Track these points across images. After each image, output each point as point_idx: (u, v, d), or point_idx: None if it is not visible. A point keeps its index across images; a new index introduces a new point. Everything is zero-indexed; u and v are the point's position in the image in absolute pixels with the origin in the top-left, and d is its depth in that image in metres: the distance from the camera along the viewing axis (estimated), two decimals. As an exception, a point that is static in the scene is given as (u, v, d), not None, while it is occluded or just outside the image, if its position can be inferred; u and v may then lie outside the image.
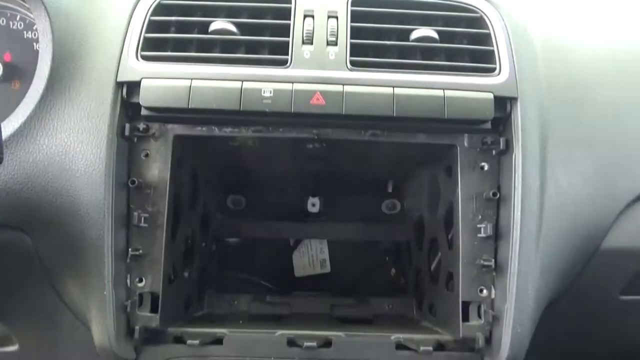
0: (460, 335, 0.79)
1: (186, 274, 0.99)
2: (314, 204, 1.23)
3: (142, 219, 0.78)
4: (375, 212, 1.27)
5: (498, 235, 0.80)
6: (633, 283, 0.90)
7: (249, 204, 1.26)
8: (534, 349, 0.78)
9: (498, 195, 0.80)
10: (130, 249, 0.78)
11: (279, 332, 0.81)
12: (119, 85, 0.77)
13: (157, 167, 0.80)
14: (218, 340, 0.80)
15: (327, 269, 1.39)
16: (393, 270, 1.34)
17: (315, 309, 1.07)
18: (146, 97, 0.76)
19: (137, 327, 0.77)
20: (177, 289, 0.91)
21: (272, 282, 1.33)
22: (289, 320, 1.00)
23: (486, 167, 0.81)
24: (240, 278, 1.30)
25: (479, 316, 0.79)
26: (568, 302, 0.90)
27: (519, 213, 0.75)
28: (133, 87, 0.78)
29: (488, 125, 0.80)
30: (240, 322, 0.96)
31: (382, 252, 1.38)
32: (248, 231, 1.28)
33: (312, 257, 1.39)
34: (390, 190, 1.24)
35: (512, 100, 0.79)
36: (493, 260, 0.79)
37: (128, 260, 0.78)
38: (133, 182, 0.78)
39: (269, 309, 1.04)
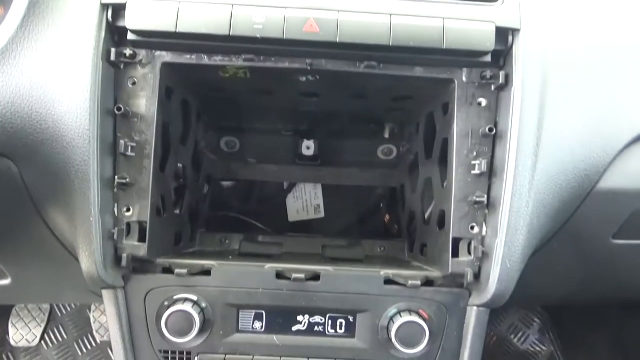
0: (449, 271, 0.78)
1: (177, 211, 0.98)
2: (308, 147, 1.22)
3: (129, 147, 0.77)
4: (371, 157, 1.26)
5: (492, 173, 0.78)
6: (625, 227, 0.90)
7: (243, 146, 1.25)
8: (523, 300, 0.78)
9: (494, 132, 0.78)
10: (117, 177, 0.76)
11: (268, 265, 0.81)
12: (104, 7, 0.75)
13: (145, 96, 0.78)
14: (206, 272, 0.80)
15: (321, 214, 1.39)
16: (387, 217, 1.34)
17: (307, 249, 1.08)
18: (132, 20, 0.73)
19: (124, 255, 0.77)
20: (167, 223, 0.90)
21: (265, 226, 1.33)
22: (279, 258, 1.00)
23: (484, 103, 0.79)
24: (232, 217, 1.30)
25: (469, 253, 0.79)
26: (560, 246, 0.89)
27: (515, 148, 0.73)
28: (119, 9, 0.75)
29: (488, 58, 0.77)
30: (230, 257, 0.96)
31: (376, 199, 1.37)
32: (241, 173, 1.27)
33: (306, 202, 1.39)
34: (387, 135, 1.22)
35: (515, 32, 0.76)
36: (486, 196, 0.78)
37: (115, 189, 0.77)
38: (119, 109, 0.76)
39: (260, 249, 1.04)
